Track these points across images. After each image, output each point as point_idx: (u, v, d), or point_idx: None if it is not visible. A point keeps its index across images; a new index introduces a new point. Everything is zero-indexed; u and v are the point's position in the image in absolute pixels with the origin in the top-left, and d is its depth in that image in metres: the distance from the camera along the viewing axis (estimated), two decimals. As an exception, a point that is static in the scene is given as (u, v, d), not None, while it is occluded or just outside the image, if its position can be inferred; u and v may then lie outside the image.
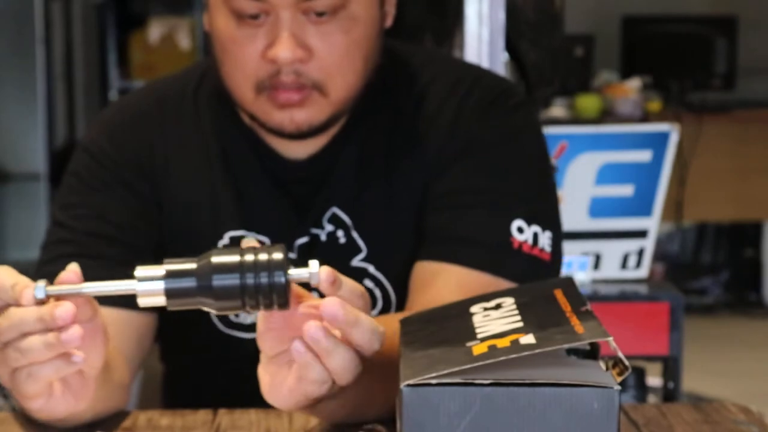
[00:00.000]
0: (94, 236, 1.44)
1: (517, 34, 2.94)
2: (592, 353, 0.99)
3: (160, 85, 1.58)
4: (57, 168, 5.38)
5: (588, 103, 5.55)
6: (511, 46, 2.75)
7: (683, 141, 5.24)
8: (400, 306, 1.48)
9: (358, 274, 1.46)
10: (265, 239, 1.45)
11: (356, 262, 1.47)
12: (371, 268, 1.48)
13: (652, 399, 3.11)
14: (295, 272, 1.05)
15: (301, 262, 1.22)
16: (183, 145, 1.50)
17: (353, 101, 1.44)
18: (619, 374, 0.96)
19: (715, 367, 4.95)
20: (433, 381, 0.92)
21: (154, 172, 1.49)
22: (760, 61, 6.39)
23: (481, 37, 2.61)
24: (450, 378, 0.92)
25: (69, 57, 7.09)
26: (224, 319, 1.48)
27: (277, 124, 1.42)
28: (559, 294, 1.09)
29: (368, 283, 1.47)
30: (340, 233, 1.47)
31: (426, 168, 1.47)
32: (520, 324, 1.02)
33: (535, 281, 1.39)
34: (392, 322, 1.16)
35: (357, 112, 1.48)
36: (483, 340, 0.99)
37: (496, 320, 1.05)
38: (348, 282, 1.10)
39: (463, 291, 1.35)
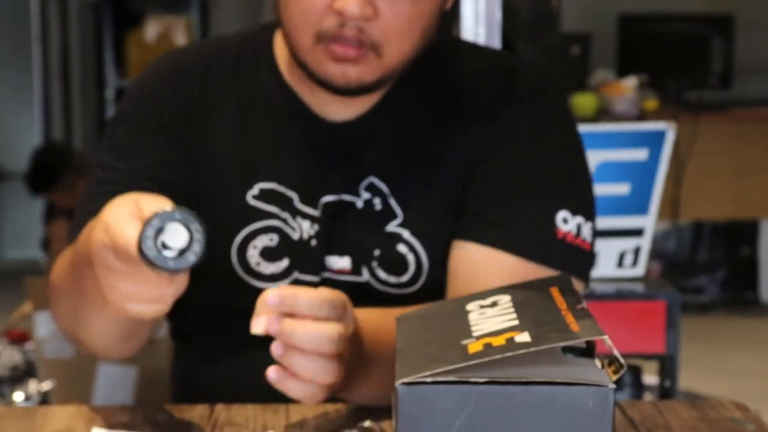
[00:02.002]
0: (133, 175, 1.50)
1: (513, 33, 2.94)
2: (588, 351, 0.99)
3: (206, 43, 1.65)
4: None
5: (584, 101, 5.55)
6: (507, 44, 2.75)
7: (680, 140, 5.24)
8: (431, 272, 1.50)
9: (393, 240, 1.49)
10: (294, 194, 1.50)
11: (391, 227, 1.50)
12: (406, 234, 1.50)
13: (648, 397, 3.11)
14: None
15: (326, 221, 1.47)
16: (222, 97, 1.54)
17: (401, 70, 1.48)
18: (615, 372, 0.96)
19: (712, 366, 4.95)
20: (429, 379, 0.92)
21: (192, 119, 1.53)
22: (756, 60, 6.39)
23: (478, 35, 2.61)
24: (445, 376, 0.92)
25: (65, 55, 7.09)
26: (245, 266, 1.51)
27: (329, 76, 1.44)
28: (555, 292, 1.09)
29: (402, 248, 1.50)
30: (377, 201, 1.50)
31: (471, 144, 1.50)
32: (516, 322, 1.02)
33: (575, 272, 1.44)
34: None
35: (400, 82, 1.51)
36: (478, 338, 0.99)
37: (492, 318, 1.05)
38: (303, 296, 1.22)
39: (511, 280, 1.38)
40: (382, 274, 1.49)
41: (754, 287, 6.20)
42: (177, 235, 1.12)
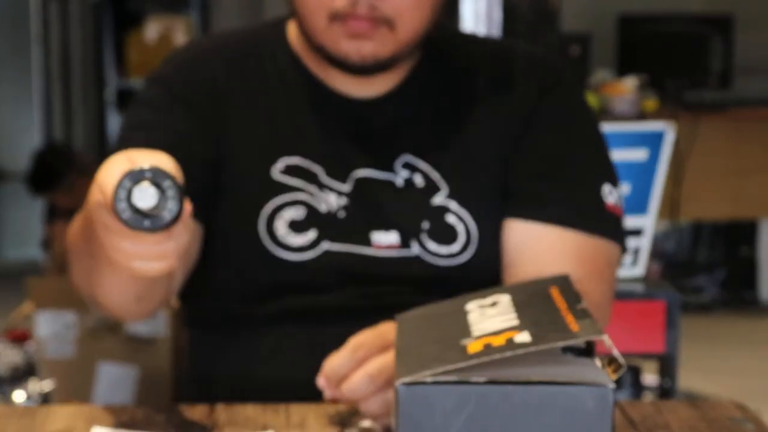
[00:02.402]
0: (154, 143, 1.49)
1: (513, 33, 2.94)
2: (587, 351, 0.99)
3: (221, 35, 1.71)
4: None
5: (584, 101, 5.55)
6: (507, 44, 2.75)
7: (679, 139, 5.23)
8: (481, 241, 1.54)
9: (441, 211, 1.54)
10: (319, 168, 1.53)
11: (438, 200, 1.54)
12: (453, 205, 1.54)
13: (648, 397, 3.11)
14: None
15: (359, 196, 1.52)
16: (244, 82, 1.58)
17: (415, 46, 1.52)
18: (615, 372, 0.97)
19: (711, 365, 4.95)
20: (429, 379, 0.92)
21: (216, 102, 1.56)
22: (756, 59, 6.39)
23: (478, 35, 2.61)
24: (445, 376, 0.92)
25: (66, 56, 7.09)
26: (273, 238, 1.53)
27: (344, 53, 1.49)
28: (554, 292, 1.10)
29: (451, 218, 1.54)
30: (417, 177, 1.54)
31: (507, 120, 1.56)
32: (516, 322, 1.02)
33: (622, 241, 1.52)
34: None
35: (422, 63, 1.57)
36: (478, 338, 0.99)
37: (492, 318, 1.05)
38: (351, 383, 1.25)
39: (574, 255, 1.47)
40: (432, 246, 1.53)
41: (753, 287, 6.20)
42: (147, 194, 1.10)
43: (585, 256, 1.49)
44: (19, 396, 3.03)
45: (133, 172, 1.10)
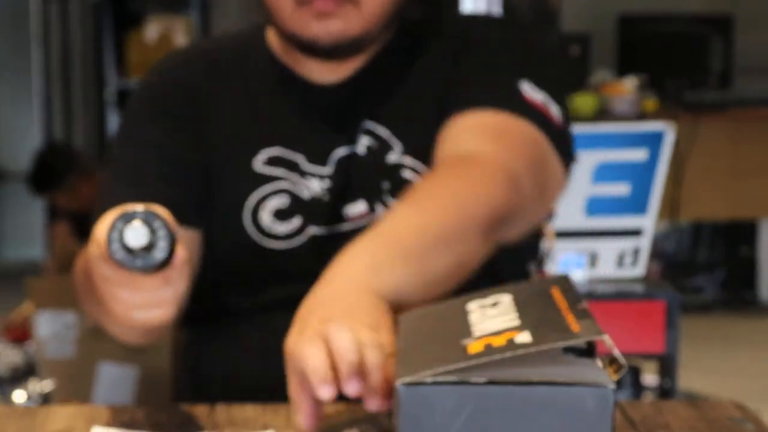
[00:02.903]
0: (144, 160, 1.59)
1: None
2: (588, 351, 0.99)
3: (206, 40, 1.89)
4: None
5: (584, 101, 5.56)
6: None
7: (679, 140, 5.22)
8: None
9: (396, 170, 1.56)
10: (299, 156, 1.57)
11: (393, 158, 1.57)
12: (408, 160, 1.57)
13: (648, 397, 3.11)
14: None
15: (339, 175, 1.54)
16: (224, 82, 1.63)
17: (383, 23, 1.56)
18: (616, 372, 0.97)
19: (711, 366, 4.95)
20: (429, 379, 0.92)
21: (198, 105, 1.61)
22: (756, 59, 6.39)
23: (478, 35, 2.61)
24: (445, 376, 0.92)
25: (66, 56, 7.09)
26: (259, 228, 1.56)
27: (314, 35, 1.53)
28: (555, 292, 1.10)
29: (407, 173, 1.56)
30: (376, 141, 1.58)
31: (446, 67, 1.60)
32: (517, 322, 1.02)
33: (546, 131, 1.52)
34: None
35: (383, 47, 1.61)
36: (479, 338, 0.99)
37: (493, 318, 1.05)
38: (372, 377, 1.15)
39: (480, 127, 1.49)
40: (395, 204, 1.54)
41: (753, 287, 6.20)
42: (139, 234, 1.14)
43: (498, 131, 1.50)
44: (19, 396, 3.04)
45: (125, 214, 1.14)
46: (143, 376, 3.61)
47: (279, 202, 1.56)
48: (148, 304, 1.21)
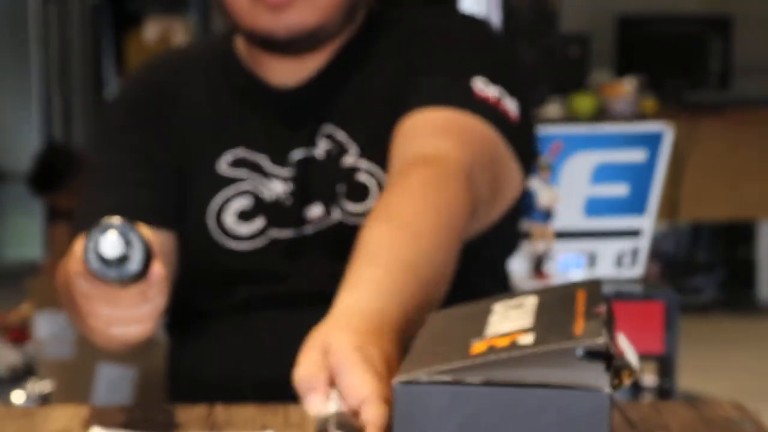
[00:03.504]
0: (121, 166, 1.60)
1: (513, 33, 2.94)
2: (607, 355, 0.97)
3: (182, 46, 1.87)
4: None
5: (583, 102, 5.56)
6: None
7: (678, 140, 5.22)
8: None
9: (353, 171, 1.56)
10: (263, 156, 1.58)
11: (349, 161, 1.57)
12: (364, 163, 1.57)
13: (647, 398, 3.11)
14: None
15: (299, 178, 1.55)
16: (190, 86, 1.65)
17: (340, 15, 1.56)
18: (628, 377, 0.96)
19: (710, 366, 4.95)
20: (424, 378, 0.92)
21: (164, 108, 1.63)
22: (755, 60, 6.39)
23: (477, 36, 2.61)
24: (440, 376, 0.92)
25: (65, 57, 7.09)
26: (223, 230, 1.57)
27: (271, 28, 1.54)
28: (580, 295, 1.08)
29: (362, 176, 1.56)
30: (334, 144, 1.58)
31: (401, 64, 1.60)
32: (529, 324, 1.01)
33: (501, 134, 1.51)
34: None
35: (344, 46, 1.61)
36: (487, 338, 0.98)
37: (510, 320, 1.04)
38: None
39: (430, 126, 1.48)
40: (350, 207, 1.55)
41: (752, 287, 6.20)
42: (113, 246, 1.15)
43: (448, 128, 1.49)
44: (17, 396, 3.03)
45: (101, 225, 1.15)
46: (142, 376, 3.61)
47: (242, 203, 1.57)
48: (126, 320, 1.22)
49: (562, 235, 2.83)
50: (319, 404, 1.08)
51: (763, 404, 3.43)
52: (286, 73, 1.61)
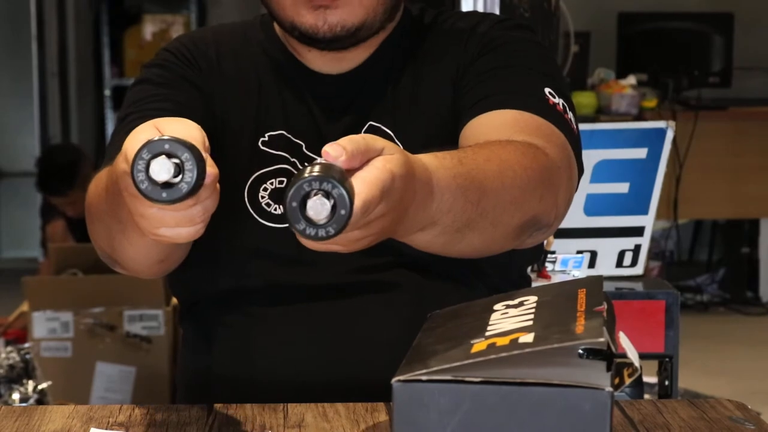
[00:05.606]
0: (159, 111, 1.55)
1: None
2: (610, 354, 0.97)
3: (213, 26, 1.77)
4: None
5: (584, 100, 5.55)
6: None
7: (679, 138, 5.24)
8: None
9: None
10: (301, 142, 1.58)
11: None
12: None
13: (647, 397, 3.11)
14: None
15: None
16: (234, 62, 1.65)
17: (384, 13, 1.56)
18: (630, 376, 0.95)
19: (711, 365, 4.95)
20: (423, 377, 0.92)
21: (210, 78, 1.63)
22: (756, 58, 6.39)
23: (477, 33, 2.60)
24: (440, 375, 0.92)
25: (63, 55, 7.09)
26: (256, 207, 1.56)
27: (313, 26, 1.53)
28: (581, 293, 1.08)
29: None
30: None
31: (452, 64, 1.60)
32: (530, 323, 1.01)
33: (568, 135, 1.49)
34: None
35: (387, 40, 1.62)
36: (488, 337, 0.98)
37: (511, 318, 1.04)
38: (353, 140, 1.11)
39: (519, 125, 1.46)
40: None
41: (753, 286, 6.20)
42: (164, 168, 1.09)
43: (540, 130, 1.47)
44: (15, 396, 3.03)
45: (151, 144, 1.09)
46: (141, 375, 3.61)
47: (278, 182, 1.57)
48: (177, 220, 1.18)
49: (562, 233, 2.83)
50: (333, 151, 1.08)
51: (765, 404, 3.42)
52: (326, 62, 1.61)
